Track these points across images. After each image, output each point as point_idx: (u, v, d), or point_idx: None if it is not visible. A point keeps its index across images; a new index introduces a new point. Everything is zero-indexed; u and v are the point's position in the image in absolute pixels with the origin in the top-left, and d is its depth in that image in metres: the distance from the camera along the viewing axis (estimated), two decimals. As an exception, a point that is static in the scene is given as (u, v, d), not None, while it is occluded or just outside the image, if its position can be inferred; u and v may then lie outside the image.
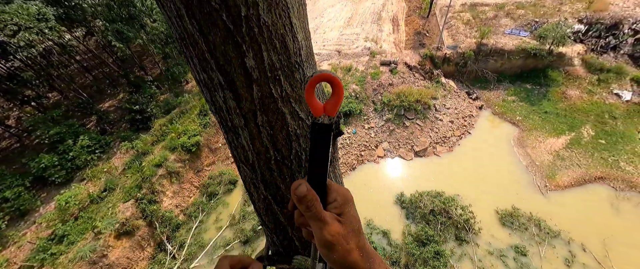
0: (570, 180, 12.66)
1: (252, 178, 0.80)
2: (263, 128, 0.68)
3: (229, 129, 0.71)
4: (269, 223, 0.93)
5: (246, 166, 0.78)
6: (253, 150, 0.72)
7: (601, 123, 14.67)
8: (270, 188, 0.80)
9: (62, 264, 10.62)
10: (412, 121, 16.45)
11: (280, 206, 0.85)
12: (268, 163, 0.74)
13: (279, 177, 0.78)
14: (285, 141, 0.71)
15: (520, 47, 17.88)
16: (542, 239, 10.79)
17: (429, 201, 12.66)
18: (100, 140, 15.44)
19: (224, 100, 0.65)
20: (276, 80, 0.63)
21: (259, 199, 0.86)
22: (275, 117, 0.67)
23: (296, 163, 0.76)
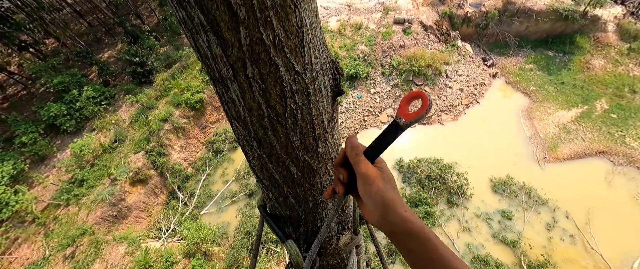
0: (571, 152, 12.72)
1: (245, 136, 0.75)
2: (254, 81, 0.60)
3: (217, 80, 0.63)
4: (264, 180, 0.90)
5: (238, 123, 0.72)
6: (244, 106, 0.66)
7: (618, 96, 14.01)
8: (264, 147, 0.76)
9: (85, 204, 11.75)
10: (420, 87, 15.88)
11: (274, 165, 0.81)
12: (261, 120, 0.68)
13: (273, 136, 0.72)
14: (279, 98, 0.64)
15: (552, 7, 16.06)
16: (529, 206, 11.40)
17: (426, 167, 13.07)
18: (105, 92, 15.44)
19: (208, 46, 0.56)
20: (268, 23, 0.53)
21: (253, 157, 0.82)
22: (268, 69, 0.59)
23: (291, 121, 0.70)
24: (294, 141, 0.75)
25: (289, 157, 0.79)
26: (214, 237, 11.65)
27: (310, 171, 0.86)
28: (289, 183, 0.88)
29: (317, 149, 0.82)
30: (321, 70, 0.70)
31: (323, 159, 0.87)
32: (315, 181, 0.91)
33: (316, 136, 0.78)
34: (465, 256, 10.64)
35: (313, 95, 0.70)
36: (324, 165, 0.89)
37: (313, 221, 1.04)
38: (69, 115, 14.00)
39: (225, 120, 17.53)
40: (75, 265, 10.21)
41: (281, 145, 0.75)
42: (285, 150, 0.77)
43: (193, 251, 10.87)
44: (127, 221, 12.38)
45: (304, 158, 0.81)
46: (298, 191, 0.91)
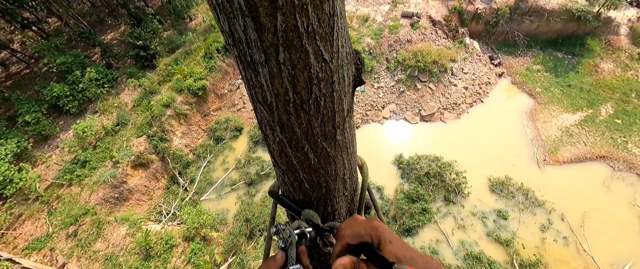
0: (571, 155, 12.71)
1: (269, 120, 0.77)
2: (284, 66, 0.62)
3: (248, 65, 0.65)
4: (282, 165, 0.92)
5: (263, 108, 0.74)
6: (272, 91, 0.67)
7: (624, 102, 13.86)
8: (286, 132, 0.78)
9: (88, 185, 11.94)
10: (425, 84, 15.73)
11: (293, 151, 0.84)
12: (286, 105, 0.70)
13: (296, 121, 0.75)
14: (305, 84, 0.66)
15: (565, 7, 15.66)
16: (525, 207, 11.51)
17: (426, 164, 13.12)
18: (107, 74, 15.40)
19: (244, 30, 0.58)
20: (304, 10, 0.55)
21: (274, 141, 0.84)
22: (298, 55, 0.61)
23: (314, 108, 0.73)
24: (314, 128, 0.77)
25: (308, 143, 0.81)
26: (213, 223, 11.89)
27: (327, 158, 0.88)
28: (305, 168, 0.90)
29: (335, 137, 0.84)
30: (346, 59, 0.72)
31: (340, 147, 0.89)
32: (331, 168, 0.93)
33: (336, 124, 0.81)
34: (458, 252, 10.84)
35: (337, 84, 0.72)
36: (339, 153, 0.91)
37: (324, 207, 1.08)
38: (72, 96, 14.03)
39: (228, 108, 17.52)
40: (78, 243, 10.49)
41: (302, 131, 0.77)
42: (306, 136, 0.79)
43: (192, 235, 11.12)
44: (128, 203, 12.61)
45: (322, 145, 0.83)
46: (313, 177, 0.94)
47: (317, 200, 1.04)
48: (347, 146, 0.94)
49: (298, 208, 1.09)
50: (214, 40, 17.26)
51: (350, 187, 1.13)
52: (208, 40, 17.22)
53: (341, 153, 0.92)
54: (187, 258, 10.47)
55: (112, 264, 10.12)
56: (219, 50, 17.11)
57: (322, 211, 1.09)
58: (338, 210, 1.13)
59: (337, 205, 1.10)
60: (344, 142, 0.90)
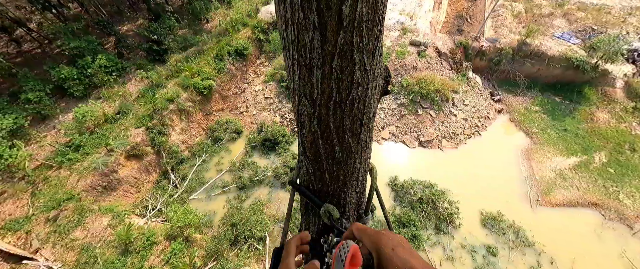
0: (564, 199, 12.76)
1: (310, 113, 0.91)
2: (335, 70, 0.77)
3: (304, 66, 0.79)
4: (310, 154, 1.06)
5: (308, 102, 0.88)
6: (320, 88, 0.82)
7: (618, 152, 14.15)
8: (322, 124, 0.92)
9: (78, 170, 11.75)
10: (426, 110, 16.05)
11: (323, 142, 0.98)
12: (328, 102, 0.85)
13: (332, 117, 0.89)
14: (347, 87, 0.82)
15: (566, 55, 16.38)
16: (515, 246, 11.37)
17: (419, 190, 13.09)
18: (118, 63, 15.62)
19: (311, 40, 0.72)
20: (359, 31, 0.71)
21: (309, 132, 0.98)
22: (348, 63, 0.76)
23: (349, 107, 0.87)
24: (345, 124, 0.92)
25: (337, 137, 0.96)
26: (198, 224, 11.60)
27: (349, 152, 1.03)
28: (330, 160, 1.05)
29: (360, 135, 0.99)
30: (379, 72, 0.89)
31: (362, 144, 1.04)
32: (350, 163, 1.08)
33: (363, 123, 0.96)
34: (444, 285, 10.56)
35: (370, 90, 0.88)
36: (360, 150, 1.06)
37: (337, 198, 1.22)
38: (79, 80, 14.14)
39: (230, 110, 17.66)
40: (56, 229, 10.15)
41: (335, 126, 0.92)
42: (337, 130, 0.93)
43: (175, 235, 10.81)
44: (115, 193, 12.35)
45: (348, 141, 0.98)
46: (335, 169, 1.08)
47: (333, 191, 1.18)
48: (366, 146, 1.09)
49: (319, 201, 1.21)
50: (227, 44, 17.74)
51: (361, 185, 1.28)
52: (221, 43, 17.69)
53: (361, 150, 1.07)
54: (166, 257, 10.10)
55: (87, 255, 9.74)
56: (229, 53, 17.54)
57: (335, 202, 1.22)
58: (348, 204, 1.27)
59: (348, 199, 1.24)
60: (365, 141, 1.05)
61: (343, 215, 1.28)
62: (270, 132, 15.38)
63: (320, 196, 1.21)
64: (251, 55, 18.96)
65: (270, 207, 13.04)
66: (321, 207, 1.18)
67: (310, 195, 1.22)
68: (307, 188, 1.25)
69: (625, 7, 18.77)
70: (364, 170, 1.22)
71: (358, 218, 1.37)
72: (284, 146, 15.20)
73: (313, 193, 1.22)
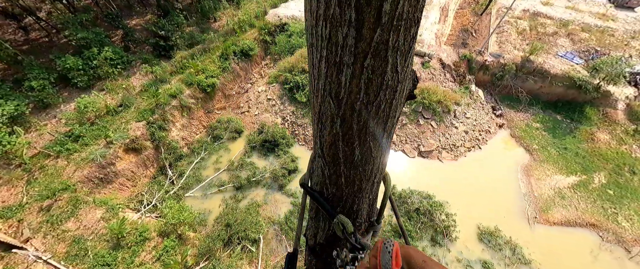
0: (562, 218, 12.66)
1: (334, 113, 0.86)
2: (366, 70, 0.73)
3: (333, 64, 0.75)
4: (328, 157, 1.02)
5: (333, 101, 0.83)
6: (347, 88, 0.78)
7: (617, 174, 14.11)
8: (345, 126, 0.88)
9: (75, 160, 11.69)
10: (427, 121, 16.07)
11: (343, 144, 0.94)
12: (354, 103, 0.81)
13: (357, 118, 0.85)
14: (376, 88, 0.77)
15: (568, 74, 16.49)
16: (511, 263, 11.24)
17: (417, 200, 13.00)
18: (123, 56, 15.71)
19: (345, 37, 0.68)
20: (397, 30, 0.67)
21: (330, 133, 0.93)
22: (380, 63, 0.72)
23: (375, 110, 0.83)
24: (369, 127, 0.88)
25: (359, 140, 0.92)
26: (192, 222, 11.48)
27: (369, 157, 0.99)
28: (347, 163, 1.00)
29: (382, 139, 0.96)
30: (409, 75, 0.86)
31: (381, 149, 1.00)
32: (368, 168, 1.04)
33: (386, 127, 0.92)
34: (438, 299, 10.38)
35: (398, 93, 0.84)
36: (379, 155, 1.02)
37: (351, 204, 1.18)
38: (83, 70, 14.19)
39: (232, 109, 17.69)
40: (49, 218, 10.04)
41: (358, 128, 0.87)
42: (359, 133, 0.89)
43: (169, 231, 10.69)
44: (111, 186, 12.27)
45: (369, 144, 0.94)
46: (351, 173, 1.04)
47: (347, 196, 1.13)
48: (386, 151, 1.05)
49: (332, 211, 1.16)
50: (233, 43, 17.88)
51: (374, 192, 1.24)
52: (227, 42, 17.83)
53: (380, 155, 1.03)
54: (158, 254, 9.97)
55: (78, 247, 9.61)
56: (235, 53, 17.67)
57: (348, 207, 1.18)
58: (361, 211, 1.23)
59: (361, 205, 1.20)
60: (385, 146, 1.01)
61: (355, 222, 1.23)
62: (271, 133, 15.36)
63: (334, 200, 1.17)
64: (256, 56, 19.09)
65: (266, 209, 12.93)
66: (334, 217, 1.13)
67: (324, 202, 1.18)
68: (321, 193, 1.20)
69: (628, 31, 18.99)
70: (380, 176, 1.18)
71: (369, 226, 1.33)
72: (284, 149, 15.17)
73: (326, 198, 1.18)
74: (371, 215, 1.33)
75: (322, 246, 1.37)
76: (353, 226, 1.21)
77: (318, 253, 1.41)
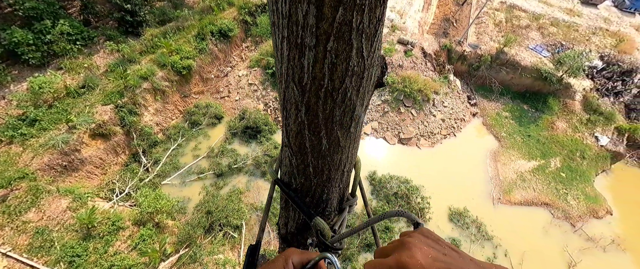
0: (521, 198, 14.05)
1: (298, 101, 0.81)
2: (329, 54, 0.68)
3: (295, 46, 0.69)
4: (294, 146, 0.97)
5: (297, 88, 0.78)
6: (310, 74, 0.73)
7: (570, 159, 15.77)
8: (310, 114, 0.83)
9: (33, 147, 10.62)
10: (408, 109, 16.55)
11: (310, 133, 0.89)
12: (319, 90, 0.76)
13: (322, 106, 0.80)
14: (341, 74, 0.72)
15: (536, 67, 17.61)
16: (476, 239, 12.40)
17: (396, 185, 13.65)
18: (83, 31, 14.07)
19: (305, 15, 0.62)
20: (361, 10, 0.62)
21: (295, 121, 0.89)
22: (344, 47, 0.67)
23: (341, 97, 0.78)
24: (335, 116, 0.84)
25: (326, 129, 0.88)
26: (171, 210, 11.14)
27: (337, 146, 0.95)
28: (315, 153, 0.96)
29: (350, 128, 0.92)
30: (377, 60, 0.80)
31: (350, 139, 0.97)
32: (337, 157, 1.00)
33: (353, 116, 0.88)
34: (411, 273, 11.27)
35: (365, 80, 0.79)
36: (348, 144, 0.99)
37: (320, 194, 1.15)
38: (35, 46, 12.56)
39: (211, 93, 16.85)
40: (6, 209, 9.19)
41: (324, 116, 0.83)
42: (325, 121, 0.85)
43: (145, 220, 10.31)
44: (77, 174, 11.40)
45: (336, 133, 0.90)
46: (319, 162, 1.00)
47: (316, 186, 1.11)
48: (355, 140, 1.01)
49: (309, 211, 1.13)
50: (210, 22, 16.70)
51: (345, 180, 1.22)
52: (203, 21, 16.61)
53: (350, 145, 0.99)
54: (134, 243, 9.64)
55: (42, 238, 8.98)
56: (213, 33, 16.56)
57: (317, 197, 1.16)
58: (331, 200, 1.21)
59: (331, 194, 1.18)
60: (354, 135, 0.97)
61: (325, 211, 1.21)
62: (253, 119, 14.97)
63: (302, 191, 1.14)
64: (236, 38, 18.06)
65: (248, 196, 12.87)
66: (312, 220, 1.11)
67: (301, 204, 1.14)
68: (289, 183, 1.16)
69: (590, 27, 20.46)
70: (350, 165, 1.15)
71: (339, 212, 1.32)
72: (266, 135, 14.92)
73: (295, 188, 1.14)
74: (342, 202, 1.33)
75: (293, 235, 1.38)
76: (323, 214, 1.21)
77: (290, 240, 1.42)
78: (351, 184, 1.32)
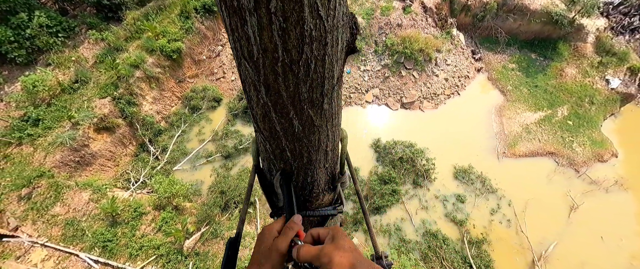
0: (526, 150, 14.15)
1: (254, 80, 0.70)
2: (275, 17, 0.55)
3: (234, 11, 0.56)
4: (265, 131, 0.88)
5: (249, 64, 0.66)
6: (260, 45, 0.60)
7: (578, 106, 15.42)
8: (271, 94, 0.72)
9: (42, 145, 10.86)
10: (409, 71, 15.95)
11: (278, 116, 0.79)
12: (274, 64, 0.64)
13: (283, 84, 0.68)
14: (297, 42, 0.60)
15: (547, 9, 16.31)
16: (481, 193, 12.83)
17: (400, 150, 13.79)
18: (62, 21, 13.36)
19: None
20: None
21: (257, 104, 0.78)
22: (292, 5, 0.54)
23: (304, 71, 0.66)
24: (302, 93, 0.72)
25: (294, 109, 0.77)
26: (186, 193, 11.67)
27: (311, 126, 0.85)
28: (288, 136, 0.87)
29: (323, 105, 0.80)
30: (341, 20, 0.66)
31: (325, 116, 0.86)
32: (314, 138, 0.91)
33: (324, 91, 0.76)
34: (419, 229, 11.99)
35: (330, 47, 0.66)
36: (325, 123, 0.88)
37: (304, 176, 1.07)
38: (17, 43, 12.09)
39: (206, 76, 16.42)
40: (33, 206, 9.77)
41: (289, 95, 0.72)
42: (292, 101, 0.74)
43: (164, 204, 10.89)
44: (91, 168, 11.81)
45: (308, 113, 0.79)
46: (296, 145, 0.91)
47: (297, 169, 1.03)
48: (333, 117, 0.90)
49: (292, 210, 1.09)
50: (192, -2, 15.56)
51: (331, 160, 1.12)
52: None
53: (326, 123, 0.89)
54: (158, 226, 10.32)
55: (73, 228, 9.68)
56: (197, 9, 15.53)
57: (301, 180, 1.09)
58: (317, 180, 1.13)
59: (317, 175, 1.10)
60: (330, 112, 0.86)
61: (312, 192, 1.16)
62: (251, 98, 14.74)
63: (285, 175, 1.06)
64: (222, 12, 16.93)
65: (258, 173, 13.26)
66: None
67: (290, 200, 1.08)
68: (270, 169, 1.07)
69: (610, -43, 18.36)
70: (333, 143, 1.04)
71: (332, 189, 1.26)
72: (267, 113, 14.82)
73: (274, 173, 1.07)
74: (334, 179, 1.25)
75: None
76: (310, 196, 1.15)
77: None
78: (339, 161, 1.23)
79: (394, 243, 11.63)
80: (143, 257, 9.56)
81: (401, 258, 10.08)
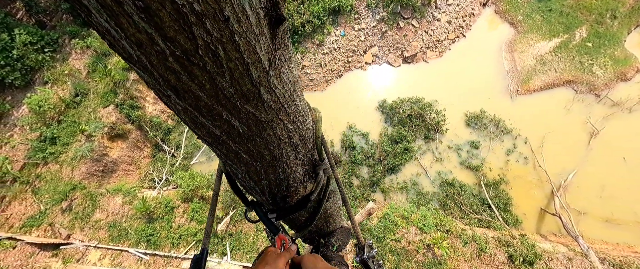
0: (541, 84, 13.40)
1: (155, 84, 0.54)
2: None
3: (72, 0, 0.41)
4: (205, 137, 0.72)
5: (136, 66, 0.50)
6: (128, 39, 0.42)
7: (598, 23, 13.98)
8: (185, 98, 0.55)
9: (66, 161, 11.46)
10: (408, 21, 14.78)
11: (209, 120, 0.63)
12: (164, 61, 0.46)
13: (193, 82, 0.51)
14: (177, 25, 0.41)
15: None
16: (495, 136, 12.62)
17: (408, 107, 13.46)
18: (44, 35, 13.01)
19: None
20: None
21: (178, 111, 0.62)
22: None
23: (212, 62, 0.49)
24: (224, 89, 0.56)
25: (226, 109, 0.61)
26: (207, 183, 12.26)
27: (257, 123, 0.70)
28: (234, 138, 0.72)
29: (261, 97, 0.64)
30: None
31: (271, 108, 0.70)
32: (268, 134, 0.76)
33: (254, 80, 0.59)
34: (435, 181, 12.22)
35: (234, 22, 0.47)
36: (274, 116, 0.73)
37: (275, 174, 0.94)
38: (9, 65, 12.04)
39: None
40: (76, 215, 10.69)
41: (208, 95, 0.56)
42: (216, 100, 0.58)
43: (190, 197, 11.58)
44: (116, 174, 12.49)
45: (245, 109, 0.64)
46: (249, 146, 0.77)
47: (264, 168, 0.89)
48: (284, 106, 0.74)
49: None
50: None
51: (303, 149, 0.98)
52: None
53: (276, 115, 0.73)
54: (190, 216, 11.12)
55: (117, 230, 10.62)
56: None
57: (273, 178, 0.96)
58: (293, 173, 1.00)
59: (289, 170, 0.96)
60: (276, 102, 0.69)
61: (289, 187, 1.03)
62: (249, 80, 14.45)
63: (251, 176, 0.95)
64: None
65: (270, 153, 13.57)
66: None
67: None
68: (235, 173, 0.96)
69: None
70: (300, 132, 0.89)
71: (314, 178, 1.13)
72: (268, 93, 14.61)
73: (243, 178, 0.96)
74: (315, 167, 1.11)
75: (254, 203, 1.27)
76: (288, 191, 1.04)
77: None
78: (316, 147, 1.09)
79: (412, 198, 12.02)
80: (184, 244, 10.51)
81: (420, 210, 10.48)
